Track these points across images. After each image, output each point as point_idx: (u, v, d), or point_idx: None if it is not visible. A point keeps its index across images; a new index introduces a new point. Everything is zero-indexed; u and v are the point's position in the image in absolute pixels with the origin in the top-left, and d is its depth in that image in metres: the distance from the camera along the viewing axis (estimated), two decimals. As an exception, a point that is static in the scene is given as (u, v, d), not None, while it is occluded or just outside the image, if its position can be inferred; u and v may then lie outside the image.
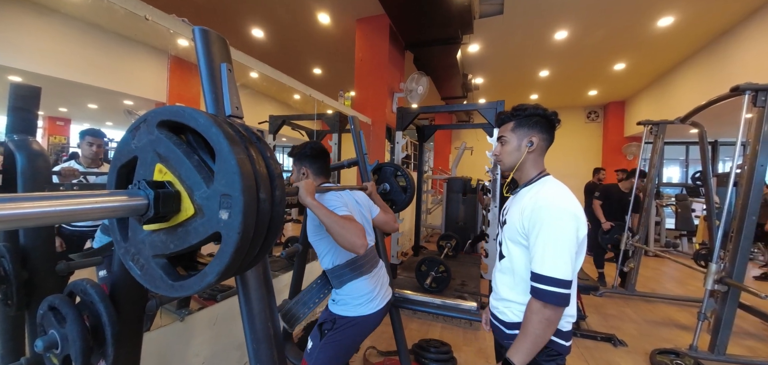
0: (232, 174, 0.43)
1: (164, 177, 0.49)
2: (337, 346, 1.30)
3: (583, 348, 2.67)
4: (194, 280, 0.48)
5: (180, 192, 0.48)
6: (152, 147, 0.50)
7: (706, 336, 2.51)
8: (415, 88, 4.50)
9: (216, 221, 0.44)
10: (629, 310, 3.49)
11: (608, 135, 8.23)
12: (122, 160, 0.54)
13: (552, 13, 4.20)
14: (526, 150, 1.09)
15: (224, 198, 0.43)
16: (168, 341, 1.63)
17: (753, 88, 2.41)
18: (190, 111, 0.47)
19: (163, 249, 0.49)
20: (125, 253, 0.54)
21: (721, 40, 4.57)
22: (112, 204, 0.43)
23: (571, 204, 0.97)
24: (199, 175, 0.46)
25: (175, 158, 0.48)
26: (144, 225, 0.50)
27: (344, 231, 1.08)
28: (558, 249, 0.92)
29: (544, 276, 0.92)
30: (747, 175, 2.46)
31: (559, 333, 1.00)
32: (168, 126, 0.50)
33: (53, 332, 0.80)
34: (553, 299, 0.91)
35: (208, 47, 0.66)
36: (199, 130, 0.46)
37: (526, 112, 1.09)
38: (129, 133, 0.53)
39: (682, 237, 6.51)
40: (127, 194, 0.45)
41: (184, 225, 0.47)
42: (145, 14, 1.35)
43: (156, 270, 0.49)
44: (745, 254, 2.41)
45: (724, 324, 2.42)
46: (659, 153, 3.96)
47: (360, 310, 1.31)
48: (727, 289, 2.40)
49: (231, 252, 0.43)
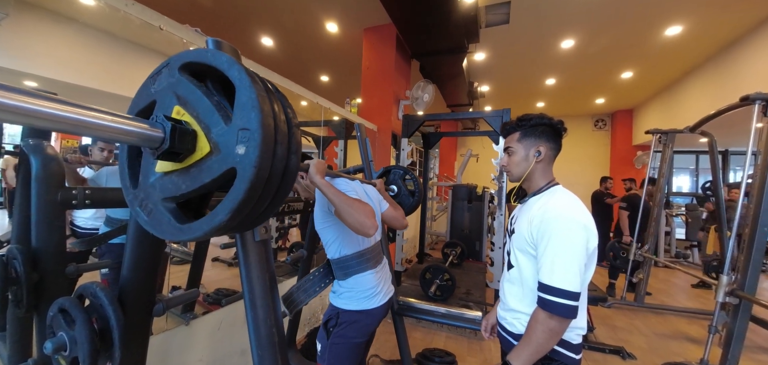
0: (251, 108, 0.42)
1: (181, 117, 0.48)
2: (345, 343, 1.28)
3: (591, 361, 2.62)
4: (203, 221, 0.46)
5: (196, 131, 0.47)
6: (172, 89, 0.49)
7: (717, 350, 2.44)
8: (420, 96, 4.52)
9: (232, 157, 0.42)
10: (639, 322, 3.42)
11: (616, 143, 8.15)
12: (140, 105, 0.53)
13: (558, 21, 4.21)
14: (534, 160, 1.08)
15: (242, 133, 0.42)
16: (173, 345, 1.64)
17: (763, 98, 2.38)
18: (213, 51, 0.47)
19: (174, 190, 0.47)
20: (133, 199, 0.52)
21: (730, 49, 4.53)
22: (129, 126, 0.41)
23: (581, 215, 0.96)
24: (217, 112, 0.45)
25: (195, 98, 0.47)
26: (157, 166, 0.49)
27: (354, 211, 1.06)
28: (567, 261, 0.91)
29: (553, 287, 0.91)
30: (758, 184, 2.41)
31: (568, 345, 0.99)
32: (190, 70, 0.50)
33: (62, 334, 0.82)
34: (560, 311, 0.90)
35: (219, 57, 0.68)
36: (221, 68, 0.45)
37: (531, 122, 1.08)
38: (150, 78, 0.52)
39: (692, 247, 6.38)
40: (145, 123, 0.44)
41: (198, 165, 0.46)
42: (160, 24, 1.38)
43: (164, 214, 0.48)
44: (757, 266, 2.36)
45: (735, 337, 2.35)
46: (668, 162, 3.90)
47: (364, 304, 1.29)
48: (739, 302, 2.34)
49: (245, 189, 0.41)
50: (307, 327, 2.85)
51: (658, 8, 3.80)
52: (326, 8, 4.15)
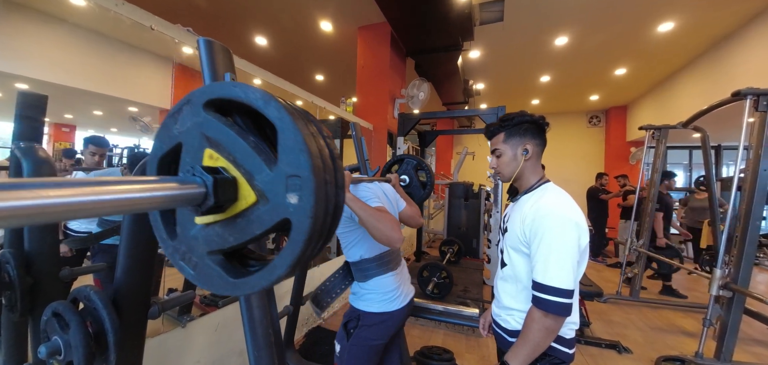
0: (299, 152, 0.38)
1: (216, 163, 0.44)
2: (365, 346, 1.27)
3: (587, 355, 2.64)
4: (260, 276, 0.42)
5: (236, 178, 0.42)
6: (199, 130, 0.44)
7: (711, 343, 2.48)
8: (416, 94, 4.52)
9: (283, 207, 0.39)
10: (634, 316, 3.45)
11: (610, 140, 8.21)
12: (163, 149, 0.48)
13: (552, 19, 4.23)
14: (522, 158, 1.08)
15: (291, 180, 0.39)
16: (169, 347, 1.63)
17: (754, 92, 2.41)
18: (242, 86, 0.42)
19: (221, 243, 0.43)
20: (174, 252, 0.48)
21: (721, 45, 4.57)
22: (163, 192, 0.36)
23: (572, 212, 0.96)
24: (258, 156, 0.41)
25: (229, 140, 0.43)
26: (198, 218, 0.45)
27: (381, 225, 1.05)
28: (560, 259, 0.92)
29: (546, 285, 0.92)
30: (750, 179, 2.44)
31: (561, 340, 1.00)
32: (215, 106, 0.45)
33: (56, 338, 0.81)
34: (554, 309, 0.91)
35: (212, 57, 0.67)
36: (256, 106, 0.41)
37: (514, 121, 1.09)
38: (170, 117, 0.47)
39: (686, 242, 6.45)
40: (179, 181, 0.39)
41: (245, 215, 0.42)
42: (151, 24, 1.37)
43: (212, 268, 0.44)
44: (750, 259, 2.39)
45: (729, 330, 2.39)
46: (662, 157, 3.94)
47: (386, 306, 1.28)
48: (733, 295, 2.37)
49: (303, 240, 0.38)
50: (305, 328, 2.85)
51: (651, 4, 3.83)
52: (320, 7, 4.13)
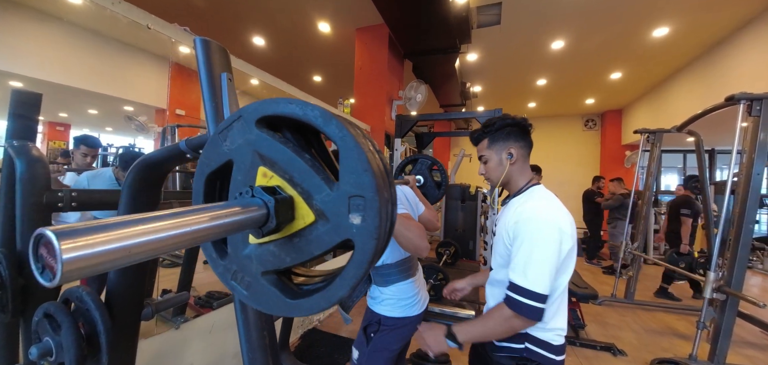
0: (362, 172, 0.37)
1: (270, 182, 0.43)
2: (386, 350, 1.26)
3: (582, 357, 2.65)
4: (320, 297, 0.41)
5: (293, 197, 0.41)
6: (252, 147, 0.43)
7: (705, 345, 2.50)
8: (413, 96, 4.53)
9: (346, 227, 0.38)
10: (629, 319, 3.47)
11: (606, 143, 8.27)
12: (212, 166, 0.46)
13: (549, 22, 4.26)
14: (507, 162, 1.07)
15: (354, 200, 0.38)
16: (163, 349, 1.62)
17: (748, 97, 2.43)
18: (299, 103, 0.41)
19: (277, 263, 0.42)
20: (225, 272, 0.46)
21: (715, 49, 4.63)
22: (230, 219, 0.35)
23: (556, 216, 0.95)
24: (317, 175, 0.40)
25: (285, 159, 0.41)
26: (250, 238, 0.44)
27: (409, 234, 1.04)
28: (539, 263, 0.91)
29: (522, 287, 0.91)
30: (743, 183, 2.47)
31: (549, 347, 0.99)
32: (268, 123, 0.44)
33: (48, 339, 0.80)
34: (526, 312, 0.90)
35: (208, 57, 0.67)
36: (315, 124, 0.40)
37: (496, 126, 1.09)
38: (217, 134, 0.46)
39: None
40: (242, 204, 0.39)
41: (303, 235, 0.41)
42: (148, 24, 1.36)
43: (268, 288, 0.43)
44: (743, 262, 2.41)
45: (723, 333, 2.40)
46: (656, 161, 3.98)
47: (406, 311, 1.27)
48: (726, 298, 2.39)
49: (367, 261, 0.38)
50: (301, 329, 2.84)
51: (646, 9, 3.87)
52: (318, 8, 4.13)
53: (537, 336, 0.99)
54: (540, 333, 0.98)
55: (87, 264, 0.24)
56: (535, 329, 0.98)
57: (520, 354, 0.99)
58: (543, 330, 0.98)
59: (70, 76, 3.26)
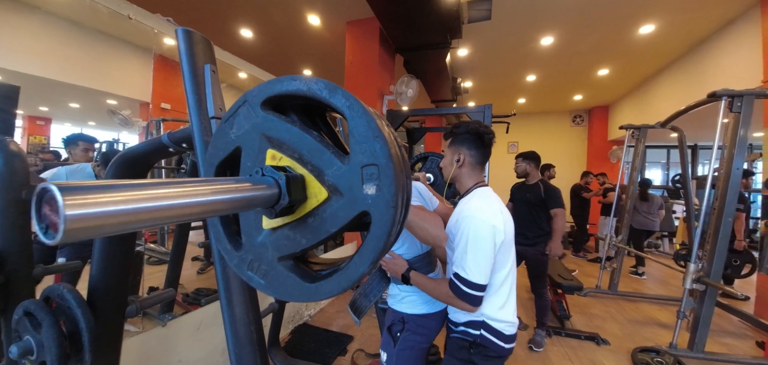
0: (374, 139, 0.36)
1: (280, 163, 0.42)
2: (415, 349, 1.24)
3: (567, 347, 2.72)
4: (341, 277, 0.40)
5: (304, 175, 0.40)
6: (258, 131, 0.42)
7: (685, 334, 2.59)
8: (404, 91, 4.52)
9: (361, 199, 0.37)
10: (613, 309, 3.57)
11: (593, 139, 8.42)
12: (220, 155, 0.45)
13: (538, 18, 4.29)
14: (455, 165, 1.18)
15: (367, 170, 0.37)
16: (149, 347, 1.60)
17: (729, 94, 2.50)
18: (303, 78, 0.40)
19: (293, 247, 0.41)
20: (240, 263, 0.45)
21: (699, 48, 4.74)
22: (241, 194, 0.33)
23: (489, 214, 1.06)
24: (327, 150, 0.39)
25: (292, 138, 0.41)
26: (264, 223, 0.43)
27: (426, 224, 1.04)
28: (475, 257, 1.02)
29: (462, 277, 1.03)
30: (723, 177, 2.55)
31: (500, 335, 1.10)
32: (272, 104, 0.43)
33: (29, 338, 0.78)
34: (466, 298, 1.03)
35: (191, 48, 0.65)
36: (321, 96, 0.39)
37: (459, 130, 1.19)
38: (225, 122, 0.45)
39: (663, 238, 6.70)
40: (252, 181, 0.37)
41: (317, 214, 0.40)
42: (129, 13, 1.32)
43: (286, 275, 0.41)
44: (722, 254, 2.50)
45: (702, 322, 2.49)
46: (641, 156, 4.07)
47: (431, 307, 1.25)
48: (705, 288, 2.48)
49: (387, 232, 0.36)
50: (291, 325, 2.83)
51: (633, 7, 3.94)
52: (308, 0, 4.08)
53: (492, 325, 1.10)
54: (495, 322, 1.11)
55: (91, 223, 0.22)
56: (491, 319, 1.10)
57: (475, 339, 1.11)
58: (497, 320, 1.11)
59: (49, 68, 3.15)
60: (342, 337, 2.69)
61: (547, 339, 2.82)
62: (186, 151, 0.72)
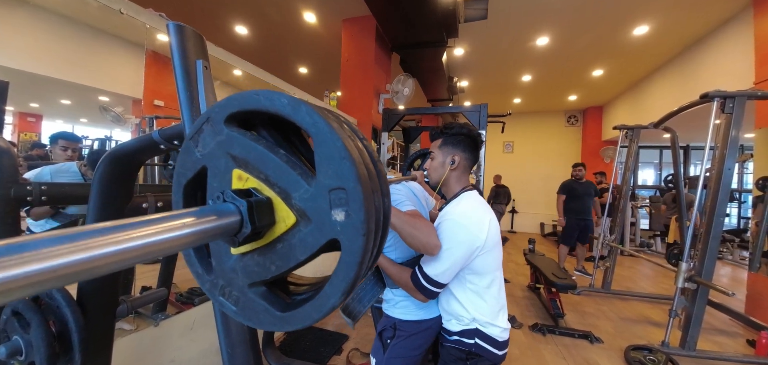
0: (340, 160, 0.34)
1: (246, 184, 0.39)
2: (405, 356, 1.19)
3: (561, 346, 2.74)
4: (312, 308, 0.38)
5: (271, 198, 0.38)
6: (223, 149, 0.40)
7: (677, 333, 2.62)
8: (401, 90, 4.52)
9: (329, 225, 0.35)
10: (606, 308, 3.61)
11: (587, 139, 8.49)
12: (187, 175, 0.43)
13: (534, 18, 4.31)
14: (448, 167, 1.15)
15: (335, 194, 0.34)
16: (141, 347, 1.58)
17: (721, 95, 2.53)
18: (267, 93, 0.37)
19: (263, 274, 0.39)
20: (212, 288, 0.42)
21: (692, 49, 4.79)
22: (195, 228, 0.31)
23: (472, 223, 1.06)
24: (293, 171, 0.37)
25: (257, 157, 0.38)
26: (234, 249, 0.40)
27: (417, 232, 1.00)
28: (444, 257, 1.02)
29: (424, 271, 1.05)
30: (715, 177, 2.58)
31: (495, 343, 1.09)
32: (238, 120, 0.40)
33: (17, 338, 0.77)
34: (423, 291, 1.05)
35: (182, 43, 0.64)
36: (283, 112, 0.36)
37: (453, 131, 1.17)
38: (189, 140, 0.43)
39: (655, 237, 6.78)
40: (206, 212, 0.34)
41: (285, 239, 0.37)
42: (120, 8, 1.30)
43: (257, 302, 0.40)
44: (714, 253, 2.53)
45: (693, 320, 2.52)
46: (634, 156, 4.11)
47: (424, 313, 1.20)
48: (697, 287, 2.51)
49: (357, 262, 0.34)
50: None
51: (628, 8, 3.97)
52: (304, -2, 4.06)
53: (486, 332, 1.09)
54: (489, 329, 1.09)
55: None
56: (485, 326, 1.09)
57: (470, 349, 1.09)
58: (491, 326, 1.09)
59: (40, 64, 3.09)
60: (337, 336, 2.69)
61: (541, 337, 2.86)
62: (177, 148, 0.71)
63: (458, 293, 1.11)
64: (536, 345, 2.75)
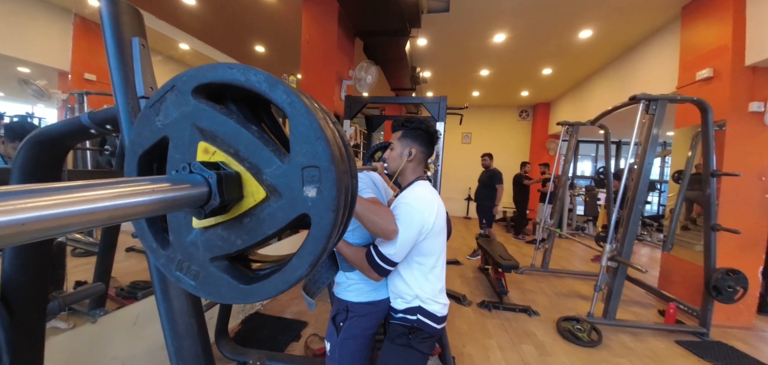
0: (315, 140, 0.35)
1: (213, 157, 0.38)
2: (358, 337, 1.24)
3: (504, 319, 3.01)
4: (277, 279, 0.38)
5: (240, 173, 0.38)
6: (189, 120, 0.39)
7: (601, 305, 2.99)
8: (364, 77, 4.48)
9: (301, 201, 0.36)
10: (544, 285, 4.00)
11: (535, 133, 9.11)
12: (144, 145, 0.41)
13: (492, 16, 4.48)
14: (405, 159, 1.24)
15: (308, 172, 0.35)
16: (78, 346, 1.46)
17: (646, 98, 2.86)
18: (241, 67, 0.37)
19: (227, 248, 0.39)
20: (168, 263, 0.41)
21: (629, 53, 5.28)
22: (160, 196, 0.29)
23: (424, 207, 1.14)
24: (266, 147, 0.37)
25: (228, 132, 0.38)
26: (197, 221, 0.39)
27: (377, 218, 1.05)
28: (399, 237, 1.09)
29: (379, 249, 1.10)
30: (636, 170, 2.94)
31: (435, 318, 1.20)
32: (207, 92, 0.39)
33: None
34: (377, 269, 1.11)
35: (116, 18, 0.60)
36: (259, 89, 0.36)
37: (412, 125, 1.25)
38: (148, 108, 0.40)
39: (589, 222, 7.57)
40: (175, 180, 0.33)
41: (253, 214, 0.38)
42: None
43: (219, 276, 0.39)
44: (632, 236, 2.90)
45: (614, 294, 2.89)
46: (573, 149, 4.52)
47: (375, 295, 1.27)
48: (617, 266, 2.87)
49: (326, 236, 0.35)
50: (242, 315, 2.75)
51: (575, 13, 4.28)
52: (261, -27, 3.82)
53: (427, 308, 1.19)
54: (430, 305, 1.19)
55: None
56: (426, 302, 1.19)
57: (412, 324, 1.19)
58: (433, 302, 1.20)
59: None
60: (296, 324, 2.68)
61: (487, 313, 3.13)
62: (110, 133, 0.66)
63: (405, 274, 1.20)
64: (482, 320, 2.99)
